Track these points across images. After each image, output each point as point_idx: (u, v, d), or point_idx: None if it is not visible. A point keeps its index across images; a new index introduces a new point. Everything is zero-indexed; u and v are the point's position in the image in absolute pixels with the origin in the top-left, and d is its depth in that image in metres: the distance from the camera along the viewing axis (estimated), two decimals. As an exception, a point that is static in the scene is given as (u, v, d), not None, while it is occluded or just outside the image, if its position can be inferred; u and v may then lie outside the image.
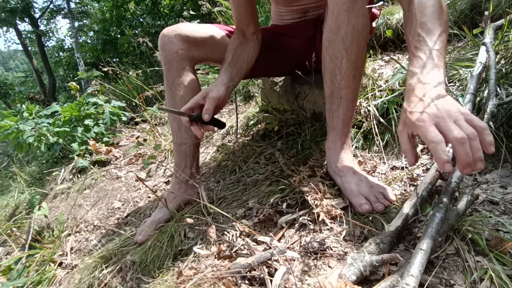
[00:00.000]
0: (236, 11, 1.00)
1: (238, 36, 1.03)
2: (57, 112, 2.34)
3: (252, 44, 1.04)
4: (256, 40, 1.05)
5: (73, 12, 10.68)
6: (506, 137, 0.84)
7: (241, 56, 1.00)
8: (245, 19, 1.01)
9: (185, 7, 4.59)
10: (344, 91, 0.84)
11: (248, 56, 1.02)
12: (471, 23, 1.45)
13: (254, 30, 1.03)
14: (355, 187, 0.83)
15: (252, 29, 1.03)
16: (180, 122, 1.03)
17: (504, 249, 0.60)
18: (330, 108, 0.89)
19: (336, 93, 0.85)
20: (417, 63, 0.62)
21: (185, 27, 1.01)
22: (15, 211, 1.84)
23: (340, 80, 0.83)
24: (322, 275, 0.64)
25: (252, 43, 1.04)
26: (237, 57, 0.99)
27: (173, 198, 1.05)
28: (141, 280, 0.82)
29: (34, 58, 11.73)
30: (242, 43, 1.02)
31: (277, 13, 1.19)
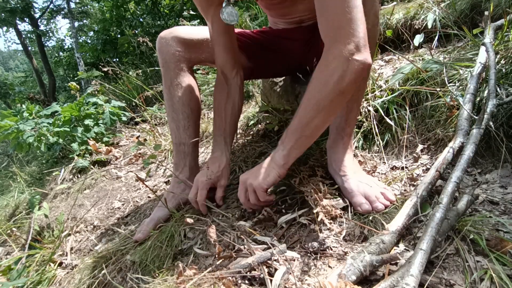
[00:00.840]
0: (219, 53, 1.00)
1: (222, 82, 1.03)
2: (57, 112, 2.34)
3: (238, 90, 1.04)
4: (239, 84, 1.05)
5: (73, 12, 10.68)
6: (506, 137, 0.84)
7: (233, 114, 1.04)
8: (228, 63, 1.01)
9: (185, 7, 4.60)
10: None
11: (238, 109, 1.05)
12: (471, 23, 1.44)
13: (236, 71, 1.03)
14: (355, 187, 0.83)
15: (234, 72, 1.03)
16: (178, 123, 1.04)
17: (504, 249, 0.60)
18: None
19: None
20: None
21: (182, 30, 1.03)
22: (15, 211, 1.84)
23: None
24: (322, 275, 0.64)
25: (237, 89, 1.04)
26: (229, 117, 1.03)
27: (173, 197, 1.05)
28: (141, 280, 0.82)
29: (34, 58, 11.73)
30: (229, 94, 1.02)
31: (272, 22, 1.19)
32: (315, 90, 0.71)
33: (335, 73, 0.67)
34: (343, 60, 0.66)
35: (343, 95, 0.70)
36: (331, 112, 0.73)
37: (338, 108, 0.76)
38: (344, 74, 0.67)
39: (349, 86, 0.69)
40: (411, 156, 1.00)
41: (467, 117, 0.88)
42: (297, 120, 0.75)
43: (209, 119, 1.97)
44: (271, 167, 0.80)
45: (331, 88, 0.68)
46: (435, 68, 1.11)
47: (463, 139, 0.84)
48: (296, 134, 0.76)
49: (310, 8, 1.02)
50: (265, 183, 0.79)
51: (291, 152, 0.78)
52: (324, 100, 0.70)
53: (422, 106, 1.07)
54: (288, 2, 1.01)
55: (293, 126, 0.76)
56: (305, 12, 1.05)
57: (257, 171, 0.81)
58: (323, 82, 0.69)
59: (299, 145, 0.78)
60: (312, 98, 0.72)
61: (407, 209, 0.70)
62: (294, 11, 1.05)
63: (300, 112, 0.74)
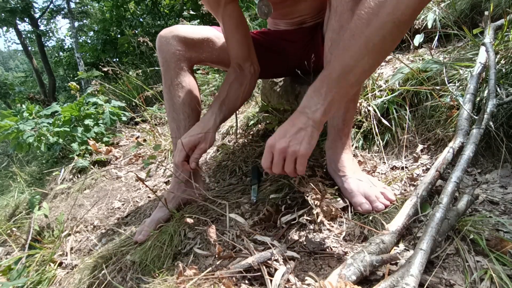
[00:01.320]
0: (233, 49, 0.98)
1: (235, 69, 1.00)
2: (57, 112, 2.34)
3: (249, 78, 1.01)
4: (253, 74, 1.02)
5: (73, 12, 10.68)
6: (506, 137, 0.84)
7: (236, 92, 0.99)
8: (242, 54, 0.99)
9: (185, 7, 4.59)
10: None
11: (244, 92, 1.01)
12: (471, 23, 1.44)
13: (251, 63, 1.01)
14: (355, 187, 0.83)
15: (248, 63, 1.01)
16: (179, 123, 1.03)
17: (504, 249, 0.60)
18: None
19: None
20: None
21: (182, 29, 1.02)
22: (15, 211, 1.84)
23: None
24: (322, 275, 0.64)
25: (249, 76, 1.01)
26: (232, 93, 0.98)
27: (173, 198, 1.05)
28: (141, 280, 0.82)
29: (34, 58, 11.73)
30: (238, 77, 1.00)
31: (272, 23, 1.18)
32: (362, 25, 0.58)
33: (394, 1, 0.55)
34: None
35: (399, 28, 0.57)
36: (383, 51, 0.61)
37: (392, 46, 0.62)
38: (403, 5, 0.55)
39: (407, 15, 0.56)
40: (411, 156, 1.00)
41: (467, 117, 0.88)
42: (339, 64, 0.62)
43: (209, 119, 1.97)
44: (310, 127, 0.67)
45: (383, 19, 0.56)
46: (435, 68, 1.11)
47: (463, 139, 0.84)
48: (339, 81, 0.63)
49: (311, 7, 1.01)
50: (310, 149, 0.67)
51: (332, 104, 0.65)
52: (375, 37, 0.57)
53: (422, 106, 1.07)
54: (290, 1, 1.00)
55: (333, 72, 0.63)
56: (307, 11, 1.05)
57: (294, 134, 0.68)
58: (371, 14, 0.57)
59: (342, 95, 0.65)
60: (358, 35, 0.58)
61: (407, 209, 0.70)
62: (295, 10, 1.05)
63: (342, 54, 0.61)
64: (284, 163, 0.70)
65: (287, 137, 0.68)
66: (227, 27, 0.95)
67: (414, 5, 0.55)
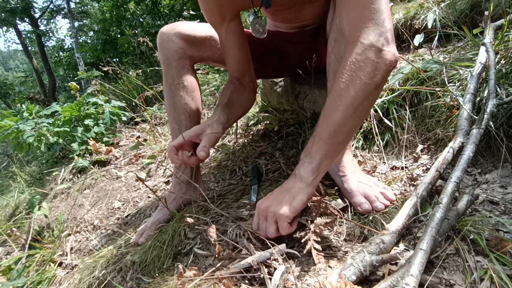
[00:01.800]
0: (233, 64, 0.95)
1: (233, 82, 0.98)
2: (57, 112, 2.34)
3: (249, 92, 0.99)
4: (252, 89, 1.00)
5: (73, 12, 10.68)
6: (506, 137, 0.84)
7: (238, 100, 0.96)
8: (241, 69, 0.96)
9: (185, 7, 4.60)
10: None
11: (245, 103, 0.98)
12: (471, 23, 1.44)
13: (250, 79, 0.98)
14: (355, 187, 0.83)
15: (248, 78, 0.98)
16: (180, 123, 1.02)
17: (504, 249, 0.60)
18: None
19: None
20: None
21: (184, 26, 0.99)
22: (15, 211, 1.84)
23: None
24: (322, 275, 0.64)
25: (249, 90, 0.99)
26: (233, 100, 0.95)
27: (173, 199, 1.04)
28: (141, 280, 0.82)
29: (34, 58, 11.73)
30: (238, 88, 0.97)
31: (273, 25, 1.16)
32: (346, 88, 0.63)
33: (367, 65, 0.61)
34: (376, 52, 0.61)
35: (378, 89, 0.64)
36: (366, 110, 0.66)
37: (372, 106, 0.68)
38: (378, 66, 0.62)
39: (383, 80, 0.63)
40: (411, 156, 1.00)
41: (467, 117, 0.88)
42: (327, 125, 0.66)
43: (209, 119, 1.97)
44: (296, 187, 0.69)
45: (365, 82, 0.62)
46: (435, 68, 1.11)
47: (463, 139, 0.84)
48: (327, 141, 0.66)
49: (315, 13, 0.99)
50: (291, 210, 0.67)
51: (321, 163, 0.68)
52: (359, 98, 0.63)
53: (422, 106, 1.07)
54: (295, 8, 0.97)
55: (322, 132, 0.67)
56: (310, 16, 1.02)
57: (278, 196, 0.70)
58: (354, 77, 0.62)
59: (331, 153, 0.68)
60: (344, 97, 0.63)
61: (407, 209, 0.70)
62: (299, 16, 1.02)
63: (330, 115, 0.65)
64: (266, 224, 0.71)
65: (270, 199, 0.72)
66: (229, 43, 0.91)
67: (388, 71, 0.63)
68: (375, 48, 0.62)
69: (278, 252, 0.69)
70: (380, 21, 0.62)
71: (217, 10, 0.85)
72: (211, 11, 0.87)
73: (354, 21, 0.64)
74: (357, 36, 0.63)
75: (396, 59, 0.64)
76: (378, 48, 0.62)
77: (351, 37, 0.65)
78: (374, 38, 0.62)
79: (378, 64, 0.62)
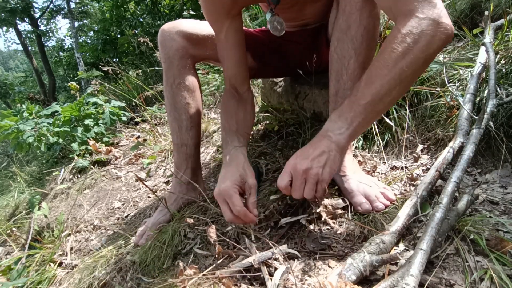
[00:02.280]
0: (232, 68, 0.92)
1: (233, 95, 0.94)
2: (57, 112, 2.34)
3: (250, 104, 0.96)
4: (250, 99, 0.97)
5: (73, 12, 10.68)
6: (506, 137, 0.84)
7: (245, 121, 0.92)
8: (240, 73, 0.93)
9: (185, 7, 4.59)
10: (349, 92, 0.80)
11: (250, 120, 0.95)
12: (471, 23, 1.45)
13: (247, 88, 0.96)
14: (355, 187, 0.83)
15: (245, 87, 0.95)
16: (181, 123, 1.01)
17: (504, 249, 0.60)
18: (333, 108, 0.87)
19: (341, 93, 0.84)
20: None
21: (186, 24, 0.97)
22: (15, 211, 1.84)
23: (346, 80, 0.81)
24: (322, 275, 0.64)
25: (249, 102, 0.96)
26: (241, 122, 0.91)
27: (174, 200, 1.04)
28: (141, 280, 0.82)
29: (34, 58, 11.73)
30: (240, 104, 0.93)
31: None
32: (396, 58, 0.61)
33: (422, 37, 0.59)
34: (433, 24, 0.59)
35: (427, 63, 0.63)
36: (410, 83, 0.65)
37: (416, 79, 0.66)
38: (432, 40, 0.59)
39: (435, 54, 0.62)
40: (411, 156, 1.00)
41: (467, 117, 0.88)
42: (369, 92, 0.63)
43: (209, 119, 1.97)
44: (333, 151, 0.66)
45: (417, 56, 0.60)
46: (435, 68, 1.11)
47: (463, 139, 0.84)
48: (366, 108, 0.64)
49: (317, 12, 0.99)
50: (332, 174, 0.67)
51: (357, 130, 0.66)
52: (407, 70, 0.61)
53: (422, 106, 1.07)
54: (297, 7, 0.96)
55: (362, 99, 0.64)
56: (311, 15, 1.02)
57: (317, 157, 0.66)
58: (407, 49, 0.60)
59: (368, 121, 0.66)
60: (392, 67, 0.61)
61: (407, 209, 0.70)
62: (301, 15, 1.01)
63: (373, 83, 0.63)
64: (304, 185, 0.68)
65: (309, 159, 0.67)
66: (228, 43, 0.88)
67: (442, 45, 0.61)
68: (432, 21, 0.59)
69: (279, 252, 0.69)
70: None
71: (220, 6, 0.83)
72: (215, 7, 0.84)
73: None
74: (411, 9, 0.60)
75: (452, 32, 0.62)
76: (436, 21, 0.59)
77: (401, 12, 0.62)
78: (429, 11, 0.59)
79: (433, 38, 0.60)
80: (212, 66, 2.71)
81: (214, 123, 1.85)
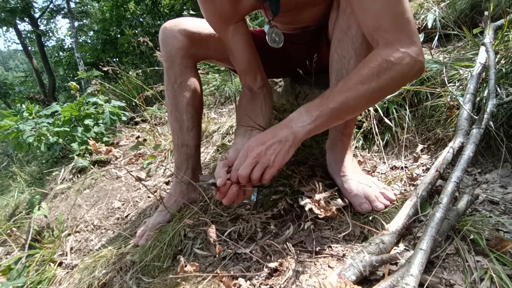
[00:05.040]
0: (240, 64, 0.92)
1: (245, 93, 0.95)
2: (57, 112, 2.34)
3: (263, 97, 0.95)
4: (266, 93, 0.96)
5: (73, 12, 10.67)
6: (506, 137, 0.84)
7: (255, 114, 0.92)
8: (250, 71, 0.92)
9: (185, 7, 4.59)
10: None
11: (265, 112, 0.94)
12: (471, 23, 1.44)
13: (262, 83, 0.94)
14: (355, 187, 0.83)
15: (259, 83, 0.94)
16: (182, 123, 1.00)
17: (504, 249, 0.60)
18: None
19: None
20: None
21: (189, 22, 0.96)
22: (15, 211, 1.84)
23: None
24: (322, 275, 0.64)
25: (262, 96, 0.95)
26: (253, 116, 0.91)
27: (174, 200, 1.04)
28: (141, 280, 0.82)
29: (34, 58, 11.73)
30: (250, 99, 0.94)
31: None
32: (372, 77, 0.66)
33: (399, 67, 0.65)
34: (411, 60, 0.66)
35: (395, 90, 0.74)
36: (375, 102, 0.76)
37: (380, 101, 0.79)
38: (408, 73, 0.67)
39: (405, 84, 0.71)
40: (411, 156, 1.00)
41: (467, 117, 0.88)
42: (340, 99, 0.68)
43: (209, 119, 1.97)
44: (290, 141, 0.70)
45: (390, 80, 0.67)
46: (435, 68, 1.11)
47: (463, 139, 0.84)
48: (333, 112, 0.68)
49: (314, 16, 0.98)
50: (283, 163, 0.71)
51: (317, 128, 0.70)
52: (379, 90, 0.67)
53: (422, 106, 1.07)
54: (295, 11, 0.95)
55: (331, 103, 0.68)
56: (309, 19, 1.00)
57: (273, 144, 0.70)
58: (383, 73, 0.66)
59: (329, 124, 0.71)
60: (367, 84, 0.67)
61: (407, 209, 0.70)
62: (299, 19, 1.00)
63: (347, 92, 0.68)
64: (253, 168, 0.71)
65: (265, 145, 0.71)
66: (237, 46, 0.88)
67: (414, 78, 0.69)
68: (410, 57, 0.66)
69: (278, 252, 0.69)
70: (413, 31, 0.67)
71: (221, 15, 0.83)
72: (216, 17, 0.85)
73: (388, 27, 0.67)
74: (392, 40, 0.66)
75: (423, 69, 0.70)
76: (414, 58, 0.66)
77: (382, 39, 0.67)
78: (409, 47, 0.66)
79: (410, 72, 0.67)
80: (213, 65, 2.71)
81: (214, 123, 1.85)
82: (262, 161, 0.70)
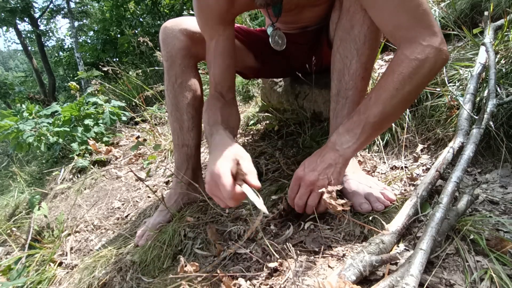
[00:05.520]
0: (220, 74, 0.89)
1: (218, 98, 0.90)
2: (57, 112, 2.34)
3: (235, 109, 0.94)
4: (236, 106, 0.95)
5: (73, 12, 10.67)
6: (506, 137, 0.84)
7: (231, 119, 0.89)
8: (226, 85, 0.91)
9: (185, 6, 4.59)
10: (351, 92, 0.82)
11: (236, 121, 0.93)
12: (471, 23, 1.44)
13: (232, 96, 0.93)
14: (355, 187, 0.83)
15: (231, 94, 0.93)
16: (182, 123, 1.00)
17: (504, 249, 0.60)
18: (335, 107, 0.86)
19: (342, 93, 0.83)
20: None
21: (190, 22, 0.95)
22: (15, 211, 1.84)
23: (348, 80, 0.81)
24: (322, 275, 0.64)
25: (234, 107, 0.94)
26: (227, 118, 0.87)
27: (174, 200, 1.04)
28: (141, 280, 0.82)
29: (34, 58, 11.73)
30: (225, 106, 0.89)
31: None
32: (403, 81, 0.67)
33: (426, 63, 0.66)
34: (435, 51, 0.65)
35: (426, 85, 0.71)
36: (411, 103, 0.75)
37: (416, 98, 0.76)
38: (435, 65, 0.67)
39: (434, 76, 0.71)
40: (411, 156, 1.00)
41: (467, 117, 0.88)
42: (379, 111, 0.69)
43: (209, 119, 1.97)
44: (340, 163, 0.71)
45: (421, 79, 0.67)
46: (435, 68, 1.10)
47: (463, 139, 0.84)
48: (375, 125, 0.70)
49: (315, 16, 0.98)
50: (338, 185, 0.71)
51: (363, 144, 0.71)
52: (413, 92, 0.68)
53: (422, 106, 1.07)
54: (296, 11, 0.94)
55: (371, 117, 0.69)
56: (311, 19, 1.00)
57: (324, 169, 0.71)
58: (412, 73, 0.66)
59: (373, 137, 0.72)
60: (400, 89, 0.67)
61: (407, 209, 0.70)
62: (300, 18, 1.00)
63: (382, 103, 0.68)
64: (309, 196, 0.73)
65: (316, 171, 0.72)
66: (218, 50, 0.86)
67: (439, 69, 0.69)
68: (434, 48, 0.65)
69: (279, 252, 0.69)
70: (433, 22, 0.66)
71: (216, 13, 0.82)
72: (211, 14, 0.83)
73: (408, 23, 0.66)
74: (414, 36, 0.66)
75: (448, 56, 0.69)
76: (437, 48, 0.66)
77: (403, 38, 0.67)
78: (431, 39, 0.66)
79: (435, 64, 0.67)
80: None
81: (214, 123, 1.84)
82: (317, 187, 0.71)
